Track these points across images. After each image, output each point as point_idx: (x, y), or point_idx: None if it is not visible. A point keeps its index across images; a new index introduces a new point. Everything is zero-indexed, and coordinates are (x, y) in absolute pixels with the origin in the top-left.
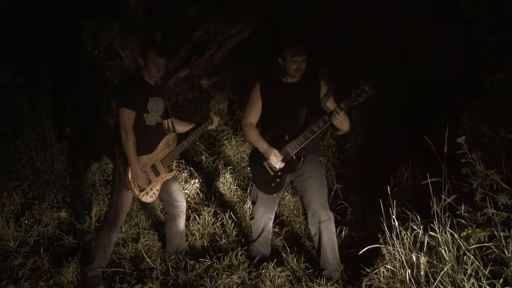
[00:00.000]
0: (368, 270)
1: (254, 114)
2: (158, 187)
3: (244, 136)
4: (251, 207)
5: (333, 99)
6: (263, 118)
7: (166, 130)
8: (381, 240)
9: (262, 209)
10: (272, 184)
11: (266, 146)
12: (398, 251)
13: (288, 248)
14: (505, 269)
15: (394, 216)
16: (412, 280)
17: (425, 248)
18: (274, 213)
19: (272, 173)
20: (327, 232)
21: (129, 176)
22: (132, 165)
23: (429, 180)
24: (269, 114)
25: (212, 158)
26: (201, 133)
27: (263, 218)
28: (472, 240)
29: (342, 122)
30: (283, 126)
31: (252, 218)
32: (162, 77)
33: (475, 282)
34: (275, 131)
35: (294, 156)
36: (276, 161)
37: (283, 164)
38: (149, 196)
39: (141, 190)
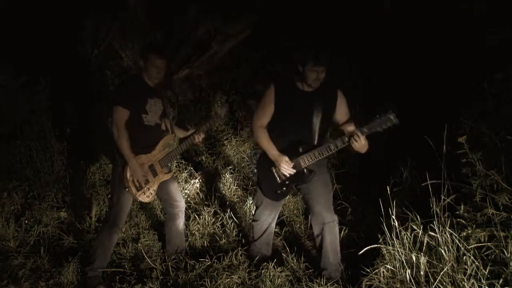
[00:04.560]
0: (368, 270)
1: (266, 117)
2: (155, 188)
3: (255, 138)
4: (251, 207)
5: (348, 112)
6: (277, 124)
7: (164, 132)
8: (381, 240)
9: (266, 212)
10: (278, 191)
11: (277, 153)
12: (398, 251)
13: (288, 248)
14: (505, 269)
15: (394, 216)
16: (412, 280)
17: (425, 248)
18: (276, 217)
19: (279, 181)
20: (331, 235)
21: (127, 174)
22: (129, 161)
23: (429, 182)
24: (283, 121)
25: (212, 158)
26: (191, 144)
27: (266, 222)
28: (472, 240)
29: (362, 147)
30: (297, 135)
31: (255, 220)
32: (164, 79)
33: (475, 283)
34: (289, 139)
35: (305, 170)
36: (286, 169)
37: (293, 174)
38: (146, 196)
39: (138, 190)
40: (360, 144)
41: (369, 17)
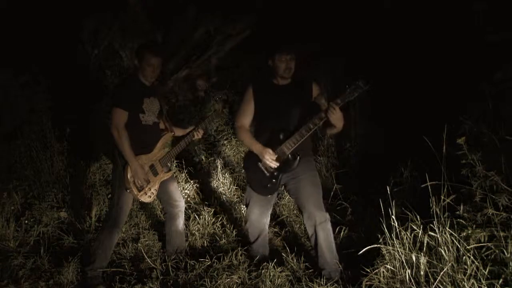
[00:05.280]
0: (368, 270)
1: (247, 116)
2: (156, 187)
3: (238, 137)
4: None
5: (325, 98)
6: (257, 121)
7: (163, 130)
8: (381, 240)
9: (256, 212)
10: (268, 185)
11: (260, 146)
12: (398, 251)
13: (288, 248)
14: (505, 269)
15: (393, 216)
16: (412, 280)
17: (424, 248)
18: (269, 217)
19: (267, 174)
20: (324, 233)
21: (128, 176)
22: (130, 162)
23: (428, 184)
24: (262, 117)
25: (212, 158)
26: (190, 141)
27: (259, 223)
28: (471, 240)
29: (338, 119)
30: (277, 126)
31: (246, 222)
32: (158, 78)
33: (475, 283)
34: (269, 133)
35: (290, 155)
36: (270, 160)
37: (279, 164)
38: (148, 196)
39: (140, 190)
40: (337, 115)
41: (369, 16)
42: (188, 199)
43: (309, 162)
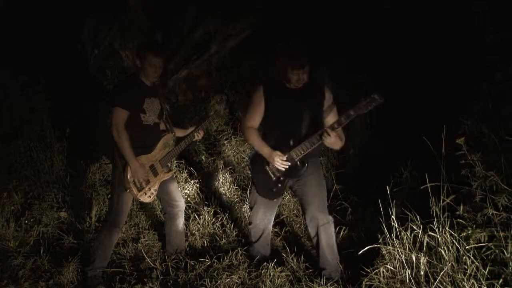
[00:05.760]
0: (368, 270)
1: (256, 118)
2: (156, 187)
3: (246, 139)
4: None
5: (335, 108)
6: (266, 122)
7: (164, 131)
8: (380, 240)
9: (260, 214)
10: (274, 189)
11: (269, 150)
12: (398, 251)
13: (288, 248)
14: (505, 269)
15: (393, 216)
16: (412, 280)
17: (424, 248)
18: (273, 216)
19: (274, 178)
20: (326, 235)
21: (128, 176)
22: (130, 162)
23: (428, 185)
24: (272, 119)
25: (212, 158)
26: (190, 142)
27: (262, 222)
28: (471, 240)
29: (333, 143)
30: (287, 131)
31: (250, 223)
32: (159, 78)
33: (475, 283)
34: (279, 136)
35: (298, 162)
36: (280, 163)
37: (287, 169)
38: (147, 196)
39: (139, 190)
40: (331, 140)
41: (369, 16)
42: (188, 199)
43: (315, 163)
